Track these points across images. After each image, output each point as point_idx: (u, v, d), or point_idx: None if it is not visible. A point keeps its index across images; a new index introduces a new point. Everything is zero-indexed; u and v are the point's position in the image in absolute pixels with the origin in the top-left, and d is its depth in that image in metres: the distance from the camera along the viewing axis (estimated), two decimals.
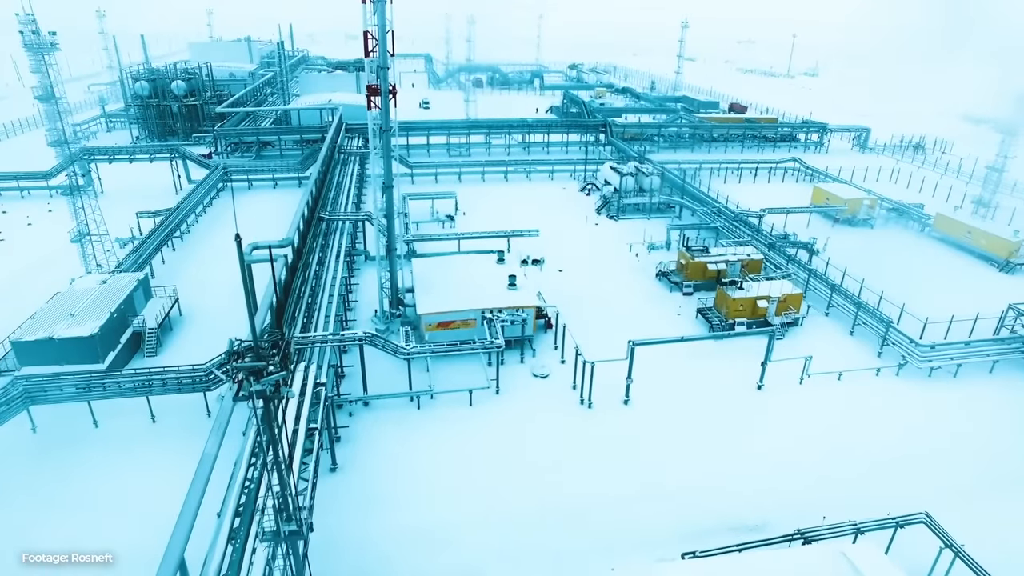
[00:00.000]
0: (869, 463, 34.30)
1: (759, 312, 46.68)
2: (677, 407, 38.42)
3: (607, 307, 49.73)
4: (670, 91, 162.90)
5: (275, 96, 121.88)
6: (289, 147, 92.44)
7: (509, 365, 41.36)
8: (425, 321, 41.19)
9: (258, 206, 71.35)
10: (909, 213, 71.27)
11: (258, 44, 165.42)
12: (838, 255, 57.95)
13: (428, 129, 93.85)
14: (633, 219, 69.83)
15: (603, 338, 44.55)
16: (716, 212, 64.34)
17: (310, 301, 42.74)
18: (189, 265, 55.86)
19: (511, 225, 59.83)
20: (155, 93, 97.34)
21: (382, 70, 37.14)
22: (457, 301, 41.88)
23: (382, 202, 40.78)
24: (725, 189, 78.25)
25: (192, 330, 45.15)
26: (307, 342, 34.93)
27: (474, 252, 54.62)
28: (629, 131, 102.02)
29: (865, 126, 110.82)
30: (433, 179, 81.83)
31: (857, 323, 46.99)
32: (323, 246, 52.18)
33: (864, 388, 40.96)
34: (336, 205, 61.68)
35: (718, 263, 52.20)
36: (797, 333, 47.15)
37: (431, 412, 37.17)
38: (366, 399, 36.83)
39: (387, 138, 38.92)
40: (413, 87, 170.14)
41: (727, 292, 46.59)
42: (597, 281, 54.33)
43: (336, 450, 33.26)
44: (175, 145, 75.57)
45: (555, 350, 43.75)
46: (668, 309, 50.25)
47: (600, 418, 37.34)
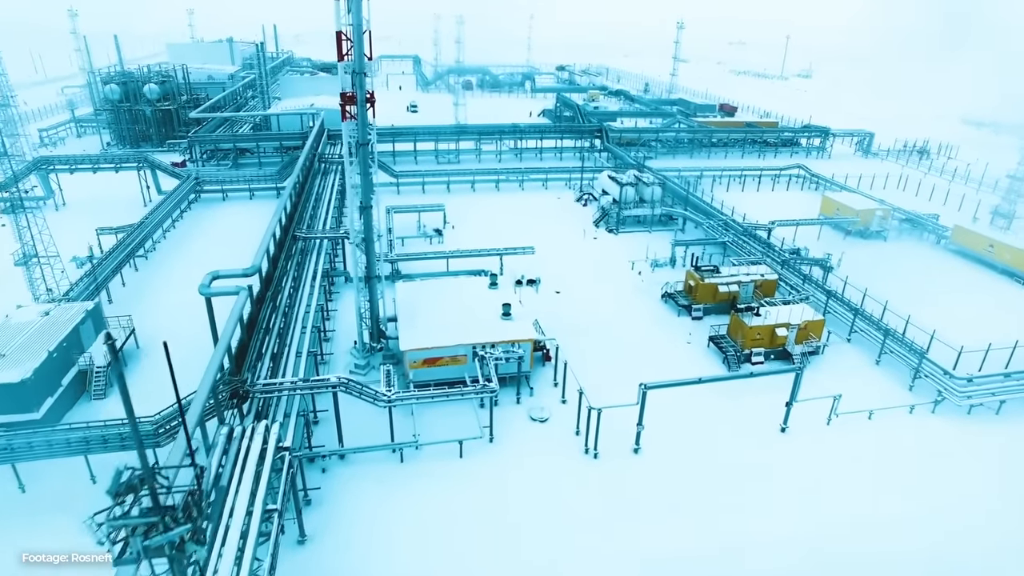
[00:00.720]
0: (910, 520, 30.20)
1: (778, 341, 42.55)
2: (693, 455, 34.14)
3: (610, 335, 45.45)
4: (665, 93, 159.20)
5: (256, 100, 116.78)
6: (269, 154, 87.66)
7: (504, 406, 36.91)
8: (409, 358, 36.68)
9: (232, 219, 66.60)
10: (924, 224, 67.52)
11: (240, 46, 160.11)
12: (854, 272, 53.99)
13: (415, 135, 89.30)
14: (634, 232, 65.60)
15: (607, 372, 40.46)
16: (723, 226, 60.19)
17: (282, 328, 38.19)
18: (153, 288, 50.97)
19: (504, 241, 55.46)
20: (127, 97, 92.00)
21: (358, 76, 32.59)
22: (445, 334, 37.38)
23: (360, 224, 36.22)
24: (728, 198, 74.19)
25: (151, 365, 40.33)
26: (271, 390, 30.34)
27: (464, 273, 50.23)
28: (626, 136, 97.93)
29: (868, 130, 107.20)
30: (420, 189, 77.31)
31: (884, 351, 42.97)
32: (299, 265, 47.55)
33: (898, 429, 36.84)
34: (314, 220, 56.96)
35: (730, 285, 48.05)
36: (819, 363, 43.02)
37: (416, 466, 32.66)
38: (342, 452, 32.28)
39: (365, 153, 34.39)
40: (400, 90, 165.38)
41: (743, 319, 42.39)
42: (598, 304, 50.01)
43: (306, 516, 28.72)
44: (142, 153, 70.52)
45: (555, 387, 39.36)
46: (677, 336, 46.02)
47: (607, 470, 32.97)
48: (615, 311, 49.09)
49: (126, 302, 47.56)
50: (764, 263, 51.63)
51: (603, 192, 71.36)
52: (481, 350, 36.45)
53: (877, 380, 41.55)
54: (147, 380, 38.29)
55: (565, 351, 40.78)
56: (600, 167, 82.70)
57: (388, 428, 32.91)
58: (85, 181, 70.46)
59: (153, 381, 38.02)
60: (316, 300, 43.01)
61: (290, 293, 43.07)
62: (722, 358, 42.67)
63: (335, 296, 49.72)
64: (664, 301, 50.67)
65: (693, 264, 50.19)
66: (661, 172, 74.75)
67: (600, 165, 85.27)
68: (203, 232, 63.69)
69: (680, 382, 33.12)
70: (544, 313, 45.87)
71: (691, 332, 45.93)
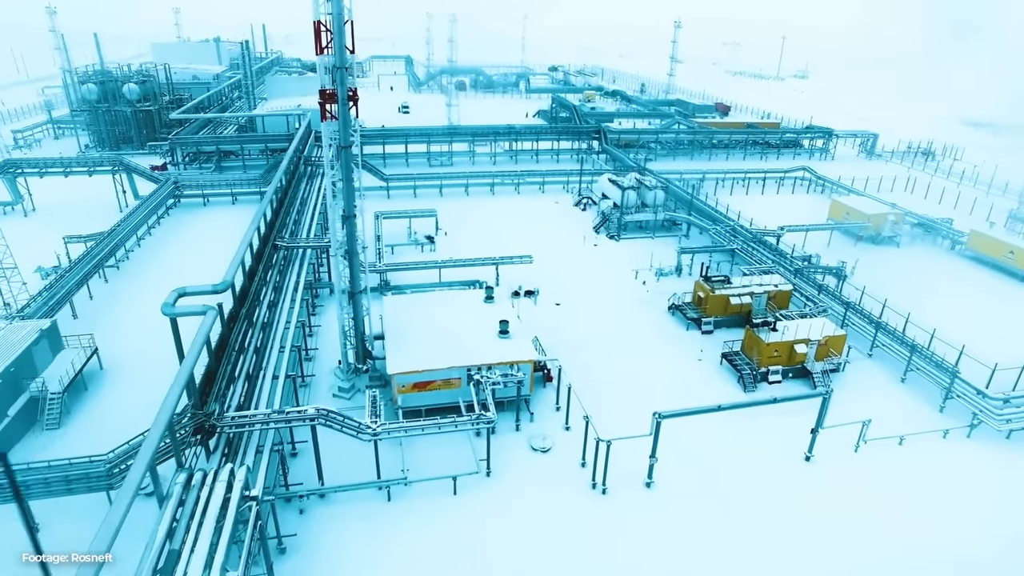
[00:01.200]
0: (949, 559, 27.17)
1: (797, 358, 39.44)
2: (710, 489, 30.96)
3: (615, 351, 42.27)
4: (661, 94, 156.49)
5: (242, 101, 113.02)
6: (254, 157, 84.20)
7: (502, 434, 33.59)
8: (397, 382, 33.33)
9: (213, 226, 63.06)
10: (938, 229, 64.71)
11: (227, 45, 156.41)
12: (868, 280, 51.09)
13: (406, 136, 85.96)
14: (636, 239, 62.49)
15: (613, 393, 37.41)
16: (731, 232, 57.13)
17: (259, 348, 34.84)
18: (124, 301, 47.37)
19: (499, 249, 52.29)
20: (105, 97, 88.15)
21: (339, 71, 29.29)
22: (437, 356, 34.05)
23: (342, 235, 32.88)
24: (732, 202, 71.21)
25: (114, 389, 36.85)
26: (241, 424, 26.96)
27: (458, 284, 47.00)
28: (625, 138, 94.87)
29: (872, 131, 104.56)
30: (411, 193, 73.90)
31: (910, 368, 39.97)
32: (279, 277, 44.16)
33: (932, 456, 33.77)
34: (298, 228, 53.51)
35: (742, 296, 44.95)
36: (840, 382, 39.92)
37: (406, 503, 29.32)
38: (322, 491, 28.91)
39: (347, 157, 31.07)
40: (392, 90, 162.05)
41: (759, 335, 39.26)
42: (601, 317, 46.84)
43: (282, 566, 25.41)
44: (118, 156, 66.81)
45: (557, 411, 36.10)
46: (687, 352, 42.86)
47: (617, 506, 29.73)
48: (619, 325, 45.92)
49: (93, 317, 44.03)
50: (777, 272, 48.52)
51: (603, 196, 68.22)
52: (476, 373, 33.15)
53: (904, 400, 38.51)
54: (110, 407, 34.97)
55: (568, 370, 37.58)
56: (599, 170, 79.58)
57: (374, 462, 29.57)
58: (57, 185, 66.65)
59: (117, 408, 34.76)
60: (297, 316, 39.63)
61: (268, 309, 39.71)
62: (737, 377, 39.52)
63: (319, 310, 46.29)
64: (671, 313, 47.53)
65: (702, 274, 47.05)
66: (662, 175, 71.68)
67: (599, 168, 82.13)
68: (181, 240, 60.14)
69: (697, 410, 29.92)
70: (543, 328, 42.65)
71: (702, 349, 42.74)
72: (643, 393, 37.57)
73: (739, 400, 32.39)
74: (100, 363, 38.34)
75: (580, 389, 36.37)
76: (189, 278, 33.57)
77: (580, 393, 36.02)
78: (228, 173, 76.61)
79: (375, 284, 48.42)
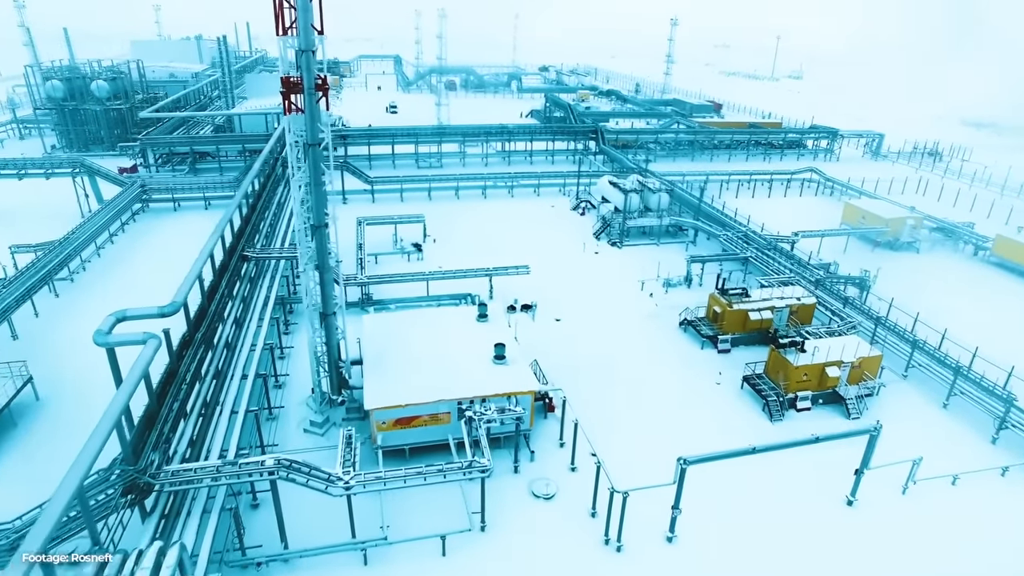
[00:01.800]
0: None
1: (828, 383, 35.17)
2: (741, 542, 26.56)
3: (623, 375, 37.86)
4: (657, 94, 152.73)
5: (222, 100, 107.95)
6: (232, 158, 79.27)
7: (499, 476, 29.05)
8: (377, 419, 28.69)
9: (183, 233, 57.99)
10: (959, 234, 60.83)
11: (208, 43, 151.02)
12: (891, 290, 47.03)
13: (393, 136, 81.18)
14: (639, 245, 58.14)
15: (624, 425, 33.15)
16: (743, 238, 52.90)
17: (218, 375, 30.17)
18: (74, 318, 42.28)
19: (493, 258, 47.96)
20: (72, 95, 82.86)
21: (305, 55, 24.70)
22: (423, 387, 29.44)
23: (311, 248, 28.25)
24: (737, 205, 66.97)
25: (51, 425, 31.89)
26: (184, 480, 22.24)
27: (447, 299, 42.53)
28: (622, 138, 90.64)
29: (878, 132, 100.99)
30: (398, 196, 69.22)
31: (953, 392, 35.82)
32: (248, 291, 39.46)
33: (991, 499, 29.54)
34: (273, 236, 48.72)
35: (762, 311, 40.67)
36: (875, 407, 35.75)
37: (385, 568, 24.69)
38: (285, 556, 24.23)
39: (315, 156, 26.45)
40: (380, 90, 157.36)
41: (787, 357, 34.92)
42: (606, 335, 42.42)
43: None
44: (79, 158, 61.67)
45: (561, 447, 31.58)
46: (703, 375, 38.49)
47: (636, 567, 25.26)
48: (626, 343, 41.49)
49: (35, 338, 39.14)
50: (798, 283, 44.29)
51: (603, 199, 63.88)
52: (469, 407, 28.57)
53: (950, 429, 34.32)
54: (42, 448, 30.06)
55: (571, 397, 33.10)
56: (597, 171, 75.25)
57: (348, 518, 24.90)
58: (12, 190, 61.55)
59: (50, 448, 29.86)
60: (265, 337, 34.95)
61: (234, 328, 34.98)
62: (761, 404, 35.18)
63: (293, 328, 41.54)
64: (683, 330, 43.19)
65: (718, 286, 42.68)
66: (667, 178, 67.46)
67: (597, 169, 77.79)
68: (147, 248, 55.13)
69: (728, 454, 25.47)
70: (543, 347, 38.28)
71: (720, 371, 38.37)
72: (657, 425, 33.24)
73: (774, 441, 27.92)
74: (36, 394, 33.41)
75: (586, 420, 31.87)
76: (152, 291, 29.09)
77: (586, 424, 31.51)
78: (203, 175, 71.68)
79: (356, 299, 43.83)
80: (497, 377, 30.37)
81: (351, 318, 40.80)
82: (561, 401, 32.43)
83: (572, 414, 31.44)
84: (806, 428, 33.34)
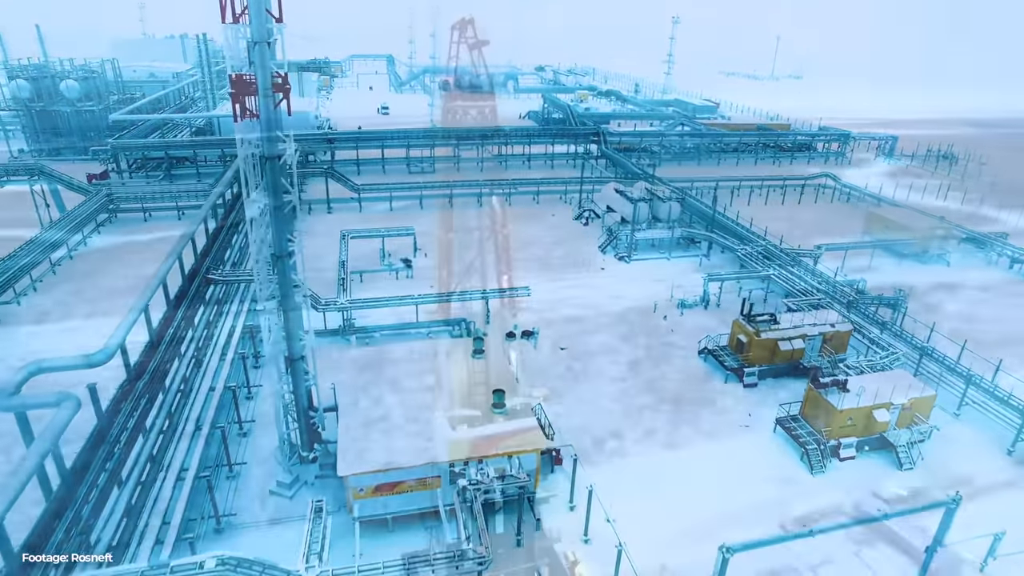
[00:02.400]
0: None
1: (875, 428, 30.60)
2: None
3: (639, 417, 33.22)
4: (657, 94, 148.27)
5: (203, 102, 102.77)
6: (210, 163, 74.43)
7: (498, 551, 24.32)
8: (353, 485, 23.95)
9: (151, 246, 53.02)
10: (991, 245, 56.44)
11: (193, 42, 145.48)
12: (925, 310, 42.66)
13: (382, 140, 76.41)
14: (649, 259, 53.53)
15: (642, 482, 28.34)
16: (763, 253, 48.38)
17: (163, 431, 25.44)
18: (15, 349, 37.42)
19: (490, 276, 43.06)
20: (39, 95, 77.72)
21: (259, 47, 19.96)
22: (407, 447, 24.74)
23: (269, 281, 23.46)
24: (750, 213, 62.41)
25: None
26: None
27: (439, 326, 37.83)
28: (625, 141, 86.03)
29: (891, 134, 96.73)
30: (387, 205, 64.44)
31: (1020, 439, 31.33)
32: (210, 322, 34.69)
33: None
34: (246, 254, 43.91)
35: (793, 340, 36.10)
36: (930, 455, 31.21)
37: None
38: None
39: (273, 172, 21.70)
40: (371, 90, 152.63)
41: (828, 399, 30.34)
42: (617, 365, 37.77)
43: None
44: (36, 163, 56.57)
45: (571, 511, 26.91)
46: (729, 414, 33.87)
47: None
48: (641, 376, 36.85)
49: None
50: (830, 306, 39.75)
51: (608, 209, 59.27)
52: (463, 471, 23.87)
53: (1020, 483, 29.80)
54: None
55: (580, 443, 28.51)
56: (600, 177, 70.66)
57: None
58: None
59: None
60: (228, 376, 30.21)
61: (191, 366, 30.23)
62: (799, 453, 30.57)
63: (263, 361, 36.67)
64: (703, 359, 38.59)
65: (743, 312, 38.05)
66: (672, 183, 62.92)
67: (600, 175, 73.18)
68: (111, 263, 50.20)
69: (780, 539, 20.84)
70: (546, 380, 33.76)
71: (750, 413, 33.71)
72: (681, 482, 28.61)
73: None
74: None
75: (595, 472, 27.33)
76: (111, 316, 24.19)
77: (596, 477, 26.87)
78: (180, 182, 66.82)
79: (336, 326, 39.04)
80: (496, 432, 25.64)
81: (332, 348, 36.21)
82: (572, 460, 27.63)
83: (583, 472, 26.81)
84: (854, 483, 28.98)
